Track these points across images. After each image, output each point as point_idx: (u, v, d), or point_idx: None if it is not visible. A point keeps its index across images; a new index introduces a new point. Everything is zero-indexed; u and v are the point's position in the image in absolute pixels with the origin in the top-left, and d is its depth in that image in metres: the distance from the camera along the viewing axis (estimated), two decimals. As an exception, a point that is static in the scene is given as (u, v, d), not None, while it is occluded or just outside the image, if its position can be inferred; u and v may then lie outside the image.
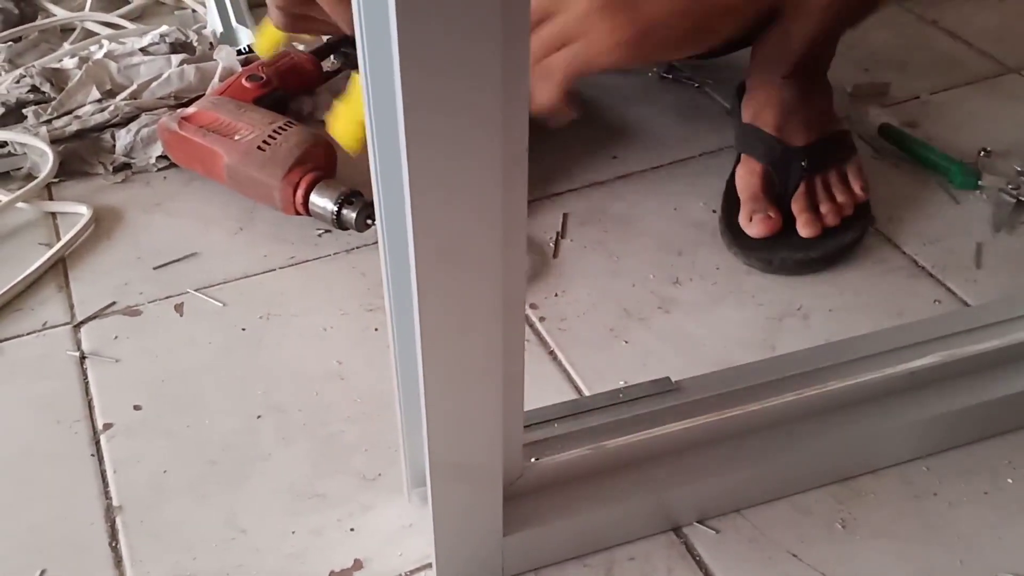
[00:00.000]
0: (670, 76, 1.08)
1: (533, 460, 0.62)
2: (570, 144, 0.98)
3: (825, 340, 0.75)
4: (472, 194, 0.44)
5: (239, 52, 1.06)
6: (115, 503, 0.67)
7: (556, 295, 0.83)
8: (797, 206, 0.86)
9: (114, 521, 0.66)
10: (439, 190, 0.43)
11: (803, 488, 0.66)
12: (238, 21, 1.13)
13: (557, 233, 0.89)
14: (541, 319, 0.81)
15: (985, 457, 0.68)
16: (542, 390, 0.74)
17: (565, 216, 0.91)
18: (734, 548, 0.63)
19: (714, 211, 0.90)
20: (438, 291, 0.47)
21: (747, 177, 0.88)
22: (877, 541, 0.63)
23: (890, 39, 1.14)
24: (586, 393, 0.74)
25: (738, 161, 0.91)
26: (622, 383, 0.74)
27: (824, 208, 0.86)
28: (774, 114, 0.89)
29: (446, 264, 0.46)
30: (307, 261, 0.86)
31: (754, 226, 0.85)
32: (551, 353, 0.78)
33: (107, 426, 0.72)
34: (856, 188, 0.88)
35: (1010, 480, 0.66)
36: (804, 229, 0.85)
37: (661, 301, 0.82)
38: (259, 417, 0.72)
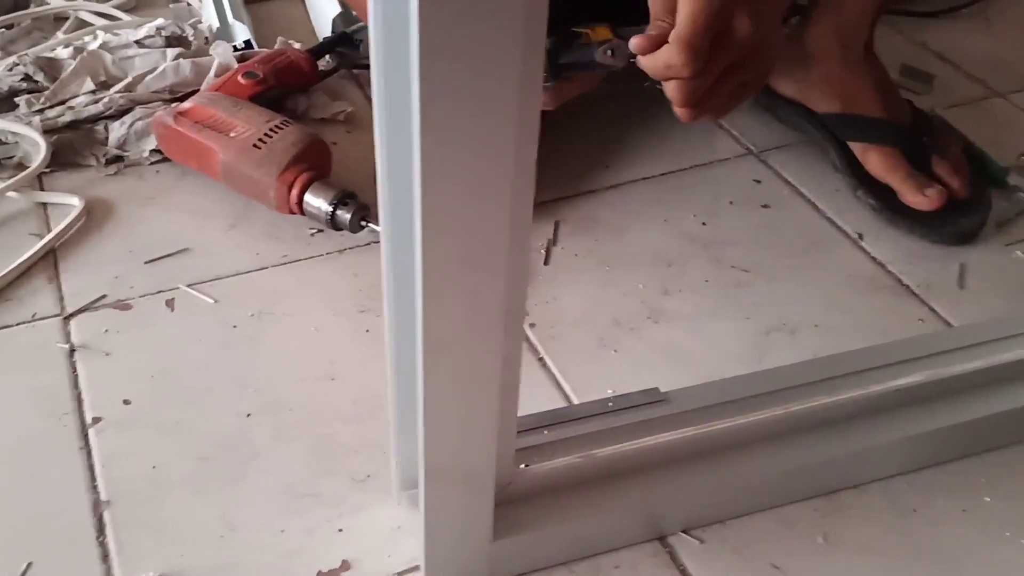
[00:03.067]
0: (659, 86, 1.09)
1: (523, 466, 0.63)
2: (563, 152, 0.99)
3: (811, 355, 0.76)
4: (483, 197, 0.45)
5: (235, 48, 1.06)
6: (103, 497, 0.67)
7: (547, 302, 0.84)
8: (943, 171, 0.90)
9: (102, 516, 0.66)
10: (449, 192, 0.44)
11: (788, 501, 0.67)
12: (234, 17, 1.14)
13: (549, 240, 0.90)
14: (532, 326, 0.81)
15: (964, 475, 0.69)
16: (532, 397, 0.74)
17: (557, 224, 0.92)
18: (718, 558, 0.64)
19: (704, 223, 0.91)
20: (443, 295, 0.47)
21: (887, 160, 0.91)
22: (858, 556, 0.64)
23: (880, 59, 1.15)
24: (575, 401, 0.75)
25: (841, 150, 0.94)
26: (611, 392, 0.75)
27: (964, 168, 0.91)
28: (873, 97, 0.92)
29: (453, 268, 0.47)
30: (300, 260, 0.87)
31: (932, 199, 0.88)
32: (541, 360, 0.78)
33: (96, 420, 0.72)
34: (959, 143, 0.93)
35: (987, 499, 0.68)
36: (963, 190, 0.89)
37: (651, 311, 0.83)
38: (249, 415, 0.73)
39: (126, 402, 0.73)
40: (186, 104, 0.93)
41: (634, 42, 0.73)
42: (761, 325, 0.81)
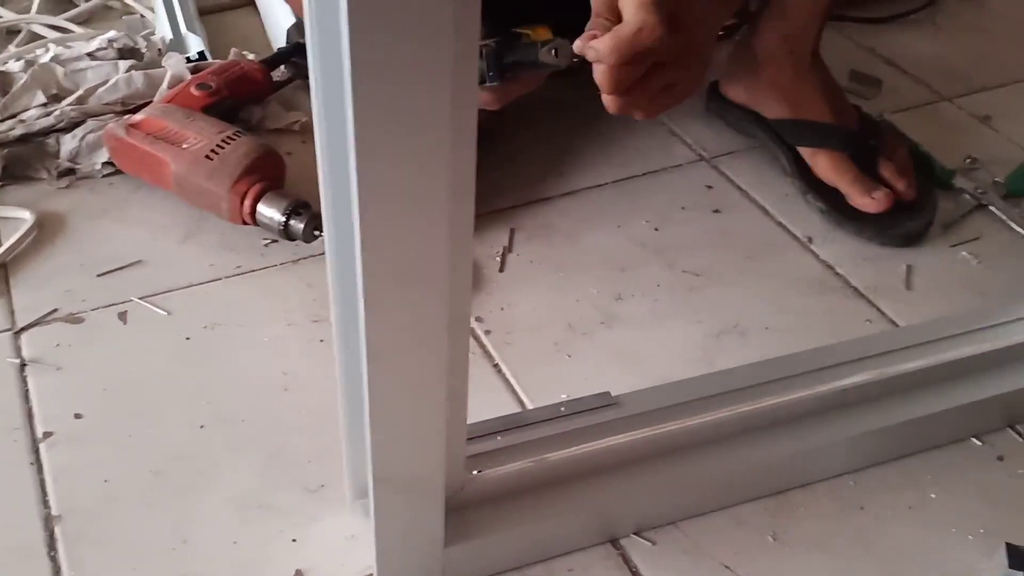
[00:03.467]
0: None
1: (475, 472, 0.63)
2: (517, 160, 1.00)
3: (761, 356, 0.77)
4: (420, 208, 0.45)
5: (188, 59, 1.06)
6: (55, 512, 0.66)
7: (502, 308, 0.84)
8: (890, 174, 0.91)
9: (53, 531, 0.65)
10: (387, 204, 0.44)
11: (738, 501, 0.68)
12: (188, 28, 1.13)
13: (504, 247, 0.91)
14: (487, 332, 0.82)
15: (910, 473, 0.71)
16: (486, 402, 0.75)
17: (512, 231, 0.92)
18: (670, 560, 0.65)
19: (656, 229, 0.92)
20: (385, 306, 0.48)
21: (835, 164, 0.93)
22: (807, 554, 0.65)
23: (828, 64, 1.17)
24: (529, 406, 0.75)
25: (790, 155, 0.96)
26: (564, 396, 0.76)
27: (910, 171, 0.92)
28: (821, 102, 0.94)
29: (394, 279, 0.47)
30: (254, 271, 0.86)
31: (879, 202, 0.90)
32: (496, 366, 0.79)
33: (47, 434, 0.72)
34: (906, 147, 0.95)
35: (933, 495, 0.69)
36: (909, 192, 0.91)
37: (604, 316, 0.84)
38: (203, 427, 0.72)
39: (77, 416, 0.73)
40: (138, 116, 0.93)
41: (578, 43, 0.74)
42: (712, 328, 0.82)
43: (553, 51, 0.79)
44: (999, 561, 0.63)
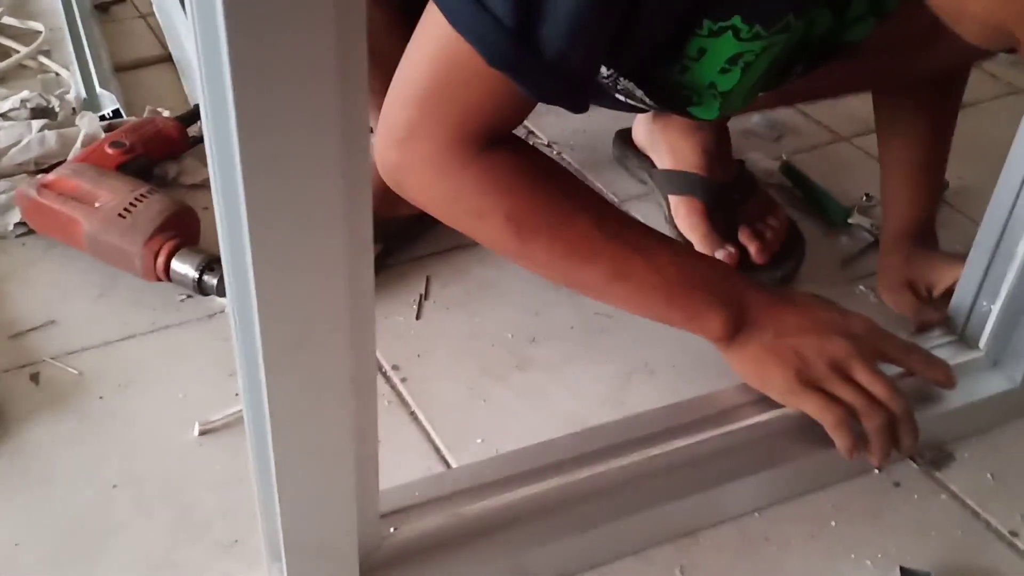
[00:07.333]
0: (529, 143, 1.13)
1: (392, 530, 0.64)
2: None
3: (669, 394, 0.79)
4: (317, 282, 0.46)
5: (102, 118, 1.06)
6: (-39, 580, 0.65)
7: (418, 356, 0.85)
8: (745, 237, 0.93)
9: (-41, 599, 0.64)
10: (283, 272, 0.45)
11: (650, 544, 0.69)
12: (102, 86, 1.14)
13: (420, 295, 0.92)
14: (403, 380, 0.83)
15: (813, 505, 0.73)
16: (403, 452, 0.76)
17: (428, 279, 0.94)
18: (583, 602, 0.66)
19: (570, 273, 0.94)
20: (286, 374, 0.49)
21: (691, 217, 0.95)
22: (714, 585, 0.67)
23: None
24: (446, 453, 0.76)
25: (667, 203, 0.98)
26: (479, 441, 0.77)
27: (770, 235, 0.94)
28: (698, 155, 0.97)
29: (292, 345, 0.48)
30: (169, 327, 0.87)
31: (725, 259, 0.91)
32: (412, 414, 0.80)
33: (-45, 501, 0.71)
34: (779, 214, 0.96)
35: (833, 523, 0.71)
36: (759, 256, 0.92)
37: (519, 360, 0.85)
38: (115, 487, 0.72)
39: (-13, 481, 0.72)
40: (50, 176, 0.93)
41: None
42: (623, 368, 0.84)
43: None
44: (895, 584, 0.66)
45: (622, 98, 0.81)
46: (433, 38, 0.66)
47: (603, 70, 0.76)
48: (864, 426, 0.70)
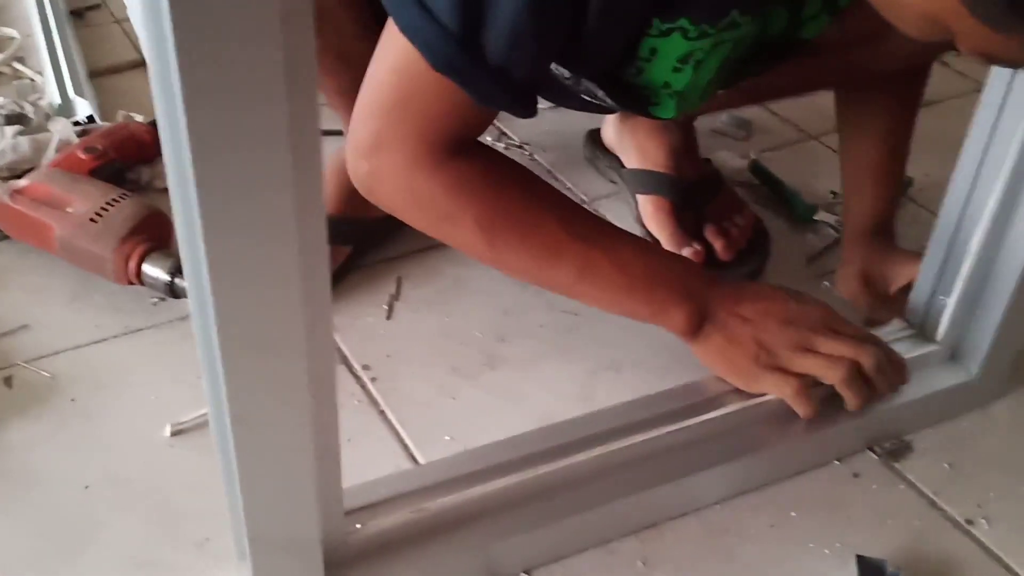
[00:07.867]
0: (502, 144, 1.15)
1: (357, 527, 0.65)
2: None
3: (635, 391, 0.80)
4: (271, 284, 0.48)
5: (76, 123, 1.07)
6: (-66, 582, 0.66)
7: (388, 355, 0.87)
8: (711, 234, 0.95)
9: (-67, 601, 0.65)
10: (238, 273, 0.47)
11: (614, 536, 0.71)
12: (76, 92, 1.14)
13: (391, 296, 0.93)
14: (373, 379, 0.84)
15: (773, 496, 0.75)
16: (372, 451, 0.77)
17: (399, 279, 0.95)
18: (547, 595, 0.67)
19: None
20: (244, 372, 0.50)
21: (658, 215, 0.96)
22: (675, 574, 0.68)
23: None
24: (415, 451, 0.78)
25: (635, 202, 0.99)
26: (447, 439, 0.78)
27: (735, 232, 0.95)
28: (665, 154, 0.98)
29: (251, 351, 0.49)
30: (141, 330, 0.88)
31: (691, 256, 0.92)
32: (381, 412, 0.81)
33: (-72, 504, 0.72)
34: (745, 212, 0.98)
35: (794, 513, 0.73)
36: (725, 253, 0.94)
37: (488, 358, 0.87)
38: (87, 488, 0.73)
39: (-40, 484, 0.73)
40: (22, 182, 0.93)
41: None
42: (590, 365, 0.86)
43: None
44: (851, 573, 0.67)
45: (587, 98, 0.82)
46: (393, 49, 0.67)
47: (564, 72, 0.77)
48: (831, 385, 0.73)
